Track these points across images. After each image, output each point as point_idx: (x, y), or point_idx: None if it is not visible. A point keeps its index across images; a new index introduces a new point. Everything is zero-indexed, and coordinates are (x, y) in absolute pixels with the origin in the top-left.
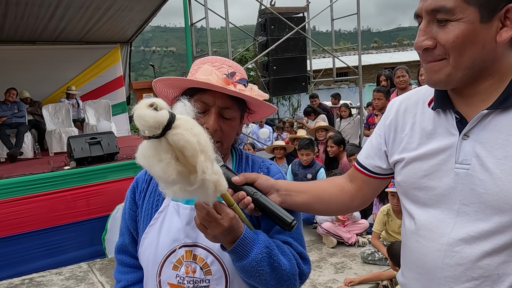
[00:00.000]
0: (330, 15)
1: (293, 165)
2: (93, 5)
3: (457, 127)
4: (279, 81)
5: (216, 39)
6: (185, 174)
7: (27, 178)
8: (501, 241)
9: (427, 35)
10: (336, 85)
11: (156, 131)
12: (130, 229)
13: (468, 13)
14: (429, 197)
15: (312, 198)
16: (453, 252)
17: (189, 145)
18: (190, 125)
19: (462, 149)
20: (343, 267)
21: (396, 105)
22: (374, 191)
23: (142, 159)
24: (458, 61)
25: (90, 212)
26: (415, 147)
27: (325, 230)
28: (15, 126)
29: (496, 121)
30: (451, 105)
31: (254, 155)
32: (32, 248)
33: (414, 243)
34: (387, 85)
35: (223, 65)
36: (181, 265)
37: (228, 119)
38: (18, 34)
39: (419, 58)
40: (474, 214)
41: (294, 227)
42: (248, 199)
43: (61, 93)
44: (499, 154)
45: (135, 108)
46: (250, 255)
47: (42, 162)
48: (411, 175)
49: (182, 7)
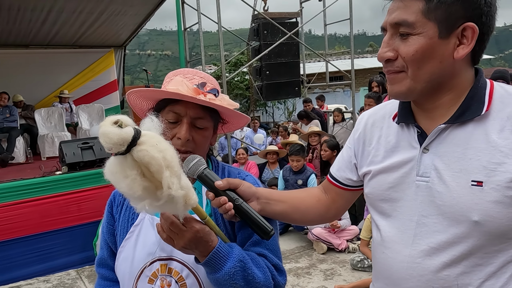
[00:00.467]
0: (323, 20)
1: (284, 171)
2: (86, 10)
3: (418, 141)
4: (272, 86)
5: (212, 42)
6: (151, 189)
7: (17, 183)
8: (458, 252)
9: (390, 47)
10: (331, 89)
11: (121, 148)
12: (108, 243)
13: (428, 28)
14: (393, 209)
15: (290, 207)
16: (415, 264)
17: (154, 161)
18: (156, 141)
19: (423, 162)
20: (332, 273)
21: (364, 119)
22: (347, 202)
23: (109, 174)
24: (416, 74)
25: (82, 217)
26: (380, 160)
27: (315, 236)
28: (6, 131)
29: (453, 135)
30: (413, 120)
31: (231, 166)
32: (22, 254)
33: (381, 254)
34: (379, 91)
35: (195, 77)
36: (156, 279)
37: (200, 129)
38: (10, 38)
39: None
40: (433, 225)
41: (272, 235)
42: (229, 204)
43: (54, 97)
44: (455, 167)
45: (100, 125)
46: (223, 268)
47: (34, 166)
48: (377, 187)
49: (176, 14)
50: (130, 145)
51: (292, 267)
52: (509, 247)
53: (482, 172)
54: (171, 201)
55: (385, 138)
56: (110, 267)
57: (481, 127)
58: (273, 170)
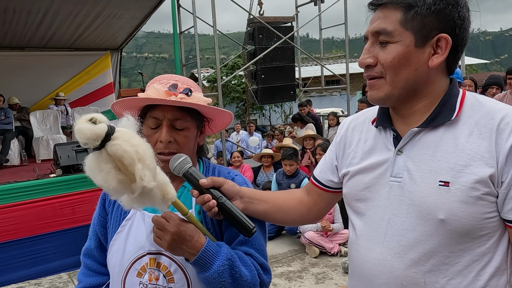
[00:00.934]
0: (319, 25)
1: (278, 175)
2: (82, 12)
3: (394, 143)
4: (267, 90)
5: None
6: (126, 182)
7: (11, 185)
8: (425, 249)
9: (370, 54)
10: (328, 93)
11: (95, 143)
12: (98, 234)
13: (405, 37)
14: (367, 208)
15: (272, 207)
16: (385, 261)
17: (126, 155)
18: (128, 136)
19: (396, 163)
20: (324, 277)
21: (346, 124)
22: (328, 204)
23: (87, 170)
24: (393, 80)
25: (76, 220)
26: (358, 161)
27: (308, 240)
28: (1, 133)
29: (425, 139)
30: (390, 123)
31: (222, 166)
32: (16, 257)
33: (355, 252)
34: None
35: (170, 81)
36: (145, 273)
37: (181, 130)
38: (6, 40)
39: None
40: (402, 223)
41: (254, 233)
42: (213, 202)
43: (50, 99)
44: (425, 168)
45: (76, 122)
46: (212, 267)
47: (28, 169)
48: (354, 187)
49: (172, 17)
50: (104, 140)
51: (284, 271)
52: (474, 246)
53: (449, 173)
54: (148, 194)
55: (364, 141)
56: (95, 258)
57: (451, 132)
58: (268, 174)
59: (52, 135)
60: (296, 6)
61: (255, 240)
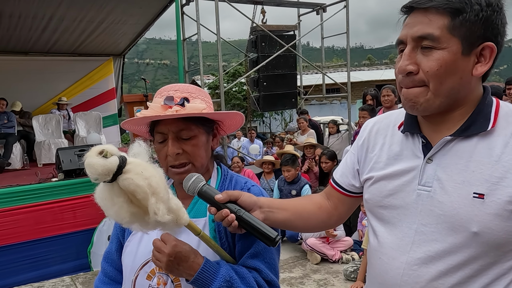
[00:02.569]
0: (321, 34)
1: (279, 181)
2: (86, 18)
3: (423, 151)
4: (269, 97)
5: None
6: (139, 215)
7: (13, 189)
8: (454, 261)
9: (411, 60)
10: (328, 101)
11: (107, 177)
12: (119, 236)
13: (452, 44)
14: (392, 216)
15: (292, 215)
16: (411, 271)
17: (139, 189)
18: (141, 169)
19: (425, 171)
20: (325, 283)
21: (369, 126)
22: (349, 209)
23: (99, 200)
24: (438, 89)
25: (77, 224)
26: (382, 167)
27: (309, 247)
28: (3, 137)
29: (457, 148)
30: (419, 130)
31: (240, 175)
32: (17, 260)
33: (377, 260)
34: (372, 103)
35: (170, 92)
36: (154, 276)
37: (188, 139)
38: (10, 45)
39: (396, 82)
40: (431, 234)
41: (278, 242)
42: (232, 216)
43: (52, 104)
44: (458, 179)
45: (85, 156)
46: (210, 287)
47: (30, 173)
48: (377, 193)
49: (176, 23)
50: (115, 174)
51: (286, 277)
52: (504, 259)
53: (484, 185)
54: (161, 225)
55: (389, 146)
56: (114, 262)
57: (485, 142)
58: (269, 180)
59: (54, 139)
60: (298, 15)
61: (267, 254)
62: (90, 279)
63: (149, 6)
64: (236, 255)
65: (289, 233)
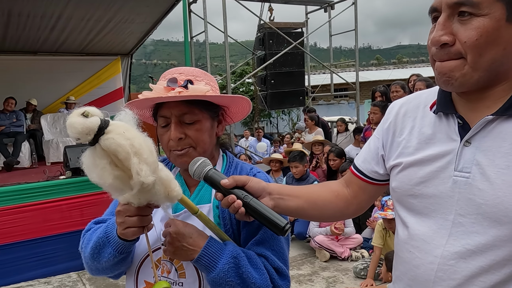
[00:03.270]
0: (329, 31)
1: (287, 178)
2: (94, 17)
3: (459, 133)
4: (276, 95)
5: (217, 54)
6: (124, 179)
7: (21, 186)
8: (498, 256)
9: (446, 30)
10: (335, 101)
11: (87, 137)
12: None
13: (495, 9)
14: (424, 206)
15: (306, 203)
16: (447, 266)
17: (120, 149)
18: (123, 129)
19: (463, 156)
20: (335, 281)
21: (396, 108)
22: (370, 197)
23: (85, 167)
24: (477, 62)
25: (84, 222)
26: (412, 152)
27: (318, 244)
28: (12, 135)
29: (500, 128)
30: (454, 109)
31: (244, 162)
32: (24, 258)
33: (407, 253)
34: (382, 100)
35: (174, 74)
36: (159, 265)
37: (191, 124)
38: (19, 45)
39: (429, 55)
40: (471, 225)
41: (288, 231)
42: (238, 202)
43: (60, 103)
44: (501, 163)
45: (68, 116)
46: (217, 266)
47: (38, 171)
48: (406, 181)
49: (183, 21)
50: (97, 134)
51: (294, 274)
52: None
53: None
54: (149, 191)
55: (419, 129)
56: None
57: None
58: (277, 178)
59: (62, 138)
60: (306, 13)
61: (274, 241)
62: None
63: (156, 4)
64: (241, 243)
65: (297, 230)
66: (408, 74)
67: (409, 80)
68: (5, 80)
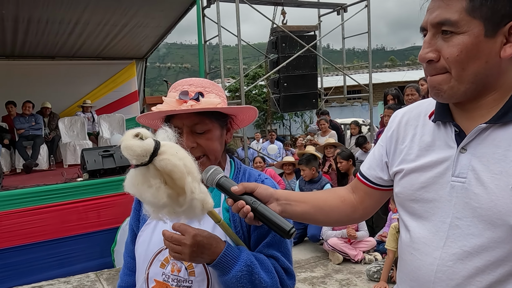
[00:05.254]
0: (342, 34)
1: (300, 181)
2: (110, 22)
3: (456, 140)
4: (289, 98)
5: (230, 56)
6: (174, 196)
7: (40, 188)
8: (493, 257)
9: (432, 48)
10: (348, 103)
11: (144, 159)
12: (133, 226)
13: (473, 27)
14: (424, 210)
15: (312, 208)
16: (445, 267)
17: (176, 169)
18: (175, 150)
19: (459, 162)
20: (348, 283)
21: (398, 117)
22: (376, 203)
23: (131, 187)
24: (461, 75)
25: (101, 223)
26: (413, 159)
27: (331, 247)
28: (31, 138)
29: (494, 136)
30: (451, 118)
31: (252, 169)
32: (42, 258)
33: (409, 255)
34: (394, 103)
35: (184, 86)
36: (168, 264)
37: (202, 133)
38: (38, 50)
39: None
40: (467, 228)
41: (293, 235)
42: (247, 207)
43: (77, 107)
44: (495, 169)
45: (122, 139)
46: (231, 272)
47: (56, 173)
48: (408, 186)
49: (196, 24)
50: (152, 155)
51: (308, 276)
52: None
53: None
54: (191, 207)
55: (420, 137)
56: (132, 253)
57: None
58: (290, 181)
59: (79, 141)
60: (318, 16)
61: (282, 244)
62: (114, 275)
63: (171, 9)
64: (251, 245)
65: (310, 232)
66: (422, 75)
67: (418, 82)
68: (24, 84)
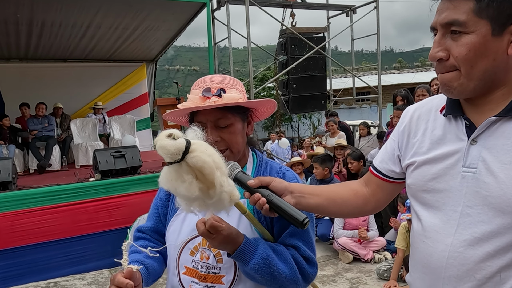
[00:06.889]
0: (350, 35)
1: (311, 180)
2: (121, 25)
3: (466, 133)
4: (298, 99)
5: (238, 59)
6: (204, 190)
7: (53, 188)
8: (503, 242)
9: (441, 47)
10: (357, 105)
11: (177, 156)
12: (159, 214)
13: (481, 26)
14: (436, 199)
15: (325, 200)
16: (456, 253)
17: (206, 165)
18: (204, 148)
19: (470, 153)
20: (358, 282)
21: (410, 112)
22: (388, 195)
23: (166, 183)
24: (470, 73)
25: (112, 223)
26: (425, 151)
27: (341, 246)
28: (44, 139)
29: (503, 128)
30: (461, 112)
31: (274, 161)
32: (55, 256)
33: (421, 243)
34: (403, 104)
35: (206, 83)
36: (197, 252)
37: (225, 127)
38: (51, 53)
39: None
40: (477, 215)
41: (307, 225)
42: (263, 200)
43: (88, 108)
44: (504, 159)
45: (156, 140)
46: (249, 264)
47: (69, 174)
48: (420, 178)
49: (206, 27)
50: (184, 153)
51: (318, 275)
52: None
53: None
54: (220, 199)
55: (431, 131)
56: (146, 236)
57: None
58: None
59: (90, 142)
60: (327, 18)
61: (304, 233)
62: None
63: (181, 12)
64: (274, 235)
65: (320, 232)
66: (431, 77)
67: (430, 84)
68: (37, 86)
